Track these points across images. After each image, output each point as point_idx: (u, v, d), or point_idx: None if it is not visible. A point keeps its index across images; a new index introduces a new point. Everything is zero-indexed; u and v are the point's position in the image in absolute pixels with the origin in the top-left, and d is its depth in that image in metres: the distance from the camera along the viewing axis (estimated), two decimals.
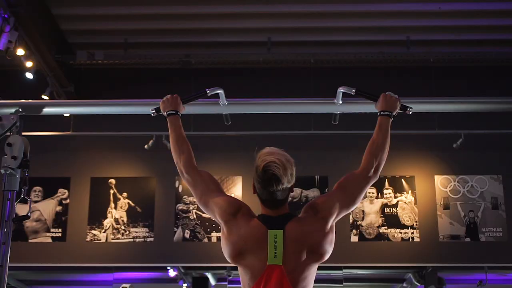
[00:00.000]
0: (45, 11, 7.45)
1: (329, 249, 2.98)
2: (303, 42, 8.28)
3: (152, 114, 3.76)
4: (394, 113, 3.44)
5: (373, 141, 3.28)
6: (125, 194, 8.34)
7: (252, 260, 2.95)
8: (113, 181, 8.37)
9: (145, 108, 3.91)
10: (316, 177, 8.30)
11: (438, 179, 8.32)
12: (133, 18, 7.84)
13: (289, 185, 2.95)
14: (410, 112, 3.65)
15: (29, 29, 6.97)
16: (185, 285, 9.84)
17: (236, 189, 8.28)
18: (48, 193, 8.02)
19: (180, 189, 8.26)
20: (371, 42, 8.24)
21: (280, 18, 7.89)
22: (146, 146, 7.81)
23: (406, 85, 8.37)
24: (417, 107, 3.82)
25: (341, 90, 3.87)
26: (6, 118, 4.11)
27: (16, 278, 8.97)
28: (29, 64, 7.19)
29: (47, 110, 4.22)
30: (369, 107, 3.69)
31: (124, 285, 8.51)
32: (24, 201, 4.18)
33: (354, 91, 3.77)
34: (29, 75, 7.34)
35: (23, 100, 4.19)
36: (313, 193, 8.21)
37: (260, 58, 8.11)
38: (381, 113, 3.43)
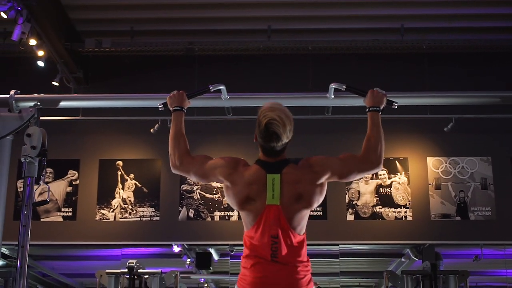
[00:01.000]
0: (55, 1, 7.64)
1: (318, 199, 3.30)
2: (301, 30, 8.41)
3: (159, 109, 4.07)
4: (381, 108, 3.75)
5: (369, 136, 3.55)
6: (132, 175, 8.45)
7: (255, 203, 3.25)
8: (120, 163, 8.48)
9: (154, 102, 4.23)
10: None
11: (430, 161, 8.41)
12: (139, 7, 8.01)
13: (287, 140, 3.26)
14: (396, 107, 3.97)
15: (41, 20, 7.17)
16: (188, 260, 10.05)
17: None
18: (58, 175, 8.20)
19: None
20: (367, 29, 8.37)
21: (280, 7, 8.05)
22: (152, 130, 7.96)
23: (400, 71, 8.54)
24: (401, 101, 4.16)
25: (332, 86, 4.18)
26: (25, 110, 4.45)
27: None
28: (40, 53, 7.41)
29: (63, 104, 4.56)
30: (358, 101, 3.99)
31: (130, 261, 8.76)
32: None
33: (344, 87, 4.08)
34: (41, 63, 7.56)
35: (41, 95, 4.52)
36: None
37: (260, 45, 8.23)
38: (370, 109, 3.73)
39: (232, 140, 8.24)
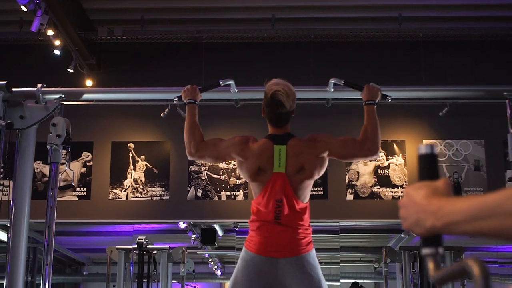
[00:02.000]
0: None
1: (319, 171, 3.62)
2: (304, 18, 8.58)
3: (174, 101, 4.47)
4: (376, 101, 4.11)
5: (366, 128, 3.85)
6: (143, 157, 8.54)
7: (265, 173, 3.56)
8: (132, 145, 8.56)
9: (169, 95, 4.60)
10: None
11: (426, 143, 8.51)
12: None
13: (290, 109, 3.63)
14: (389, 100, 4.35)
15: (57, 11, 7.39)
16: (194, 236, 10.34)
17: None
18: (73, 156, 8.27)
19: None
20: (365, 18, 8.55)
21: None
22: (162, 114, 7.84)
23: (397, 59, 8.70)
24: (394, 94, 4.56)
25: (332, 81, 4.57)
26: (50, 102, 4.83)
27: (35, 230, 9.33)
28: (57, 42, 7.64)
29: (86, 96, 4.95)
30: (355, 94, 4.37)
31: (139, 237, 9.04)
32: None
33: (342, 82, 4.47)
34: (57, 52, 7.78)
35: (66, 88, 4.90)
36: None
37: (264, 33, 8.40)
38: (367, 102, 4.08)
39: (237, 123, 8.35)
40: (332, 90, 4.63)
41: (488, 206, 1.21)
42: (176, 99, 4.48)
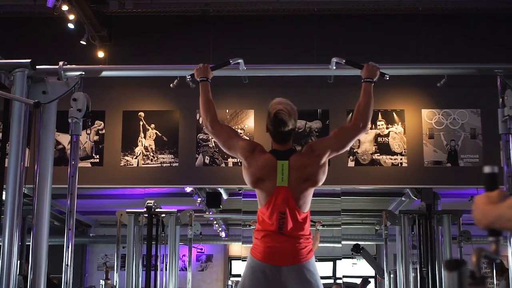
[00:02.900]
0: None
1: (322, 178, 3.86)
2: None
3: (187, 79, 4.78)
4: (375, 79, 4.42)
5: (360, 103, 4.16)
6: (153, 125, 8.67)
7: (266, 183, 3.82)
8: (142, 114, 8.69)
9: (184, 72, 4.90)
10: (318, 110, 8.58)
11: (425, 112, 8.59)
12: None
13: (293, 127, 3.88)
14: (387, 78, 4.67)
15: None
16: (199, 199, 10.67)
17: (249, 121, 8.61)
18: (86, 125, 8.63)
19: (200, 121, 8.39)
20: None
21: None
22: (171, 85, 8.21)
23: (397, 31, 8.87)
24: (391, 71, 4.87)
25: (334, 60, 4.88)
26: (71, 78, 5.16)
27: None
28: (71, 17, 7.86)
29: (105, 73, 5.28)
30: (355, 72, 4.66)
31: (149, 201, 9.30)
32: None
33: (344, 61, 4.78)
34: (71, 25, 8.01)
35: (85, 66, 5.21)
36: (315, 124, 8.52)
37: (270, 6, 8.62)
38: (365, 80, 4.39)
39: (243, 94, 8.53)
40: (335, 68, 4.93)
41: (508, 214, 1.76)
42: (190, 77, 4.76)
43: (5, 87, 5.09)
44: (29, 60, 4.97)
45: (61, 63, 5.08)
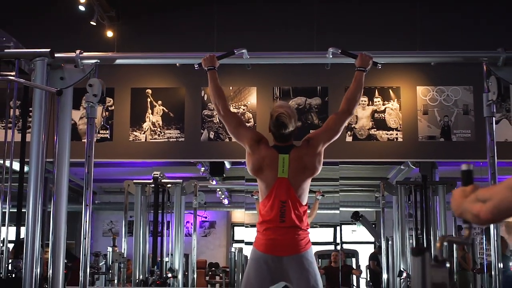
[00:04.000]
0: None
1: (318, 167, 4.33)
2: None
3: (195, 68, 5.14)
4: (367, 68, 4.80)
5: (349, 90, 4.60)
6: (160, 102, 8.87)
7: (267, 174, 4.26)
8: (149, 91, 8.90)
9: (193, 60, 5.23)
10: (318, 87, 8.76)
11: (420, 89, 8.76)
12: None
13: (293, 129, 4.32)
14: (379, 67, 5.05)
15: None
16: (203, 168, 10.98)
17: (252, 98, 8.82)
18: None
19: (205, 98, 8.77)
20: None
21: None
22: (177, 64, 8.53)
23: (395, 12, 9.07)
24: (383, 60, 5.24)
25: (330, 50, 5.26)
26: (86, 65, 5.53)
27: None
28: (82, 0, 8.22)
29: (119, 61, 5.65)
30: (349, 60, 5.04)
31: (155, 172, 9.43)
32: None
33: (340, 51, 5.17)
34: (82, 8, 8.33)
35: (100, 53, 5.57)
36: (315, 101, 8.71)
37: None
38: (358, 68, 4.79)
39: (246, 72, 8.36)
40: (331, 57, 5.31)
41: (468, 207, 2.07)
42: (197, 65, 5.12)
43: (25, 73, 5.47)
44: (48, 50, 5.32)
45: (77, 51, 5.44)
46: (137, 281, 9.00)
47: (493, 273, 5.11)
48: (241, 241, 14.19)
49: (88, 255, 5.44)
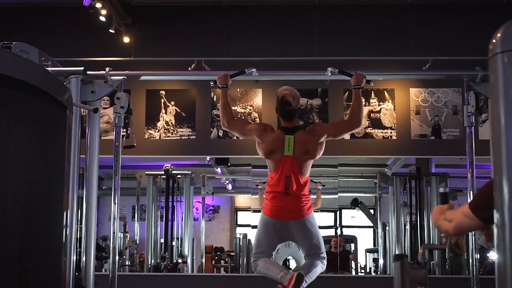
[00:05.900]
0: None
1: (319, 152, 4.86)
2: None
3: (211, 85, 5.74)
4: (362, 86, 5.43)
5: (353, 106, 5.08)
6: (173, 102, 9.16)
7: (276, 154, 4.80)
8: (163, 92, 9.19)
9: (209, 77, 5.77)
10: (318, 89, 9.10)
11: (412, 91, 9.03)
12: None
13: (296, 108, 4.86)
14: (372, 84, 5.68)
15: None
16: (208, 157, 11.49)
17: (258, 99, 9.15)
18: (113, 102, 9.25)
19: (214, 99, 9.05)
20: None
21: None
22: (189, 68, 8.76)
23: (387, 20, 9.45)
24: (374, 77, 5.81)
25: (329, 69, 5.88)
26: (114, 80, 6.15)
27: None
28: (103, 11, 8.68)
29: (143, 78, 6.27)
30: (345, 78, 5.56)
31: (166, 165, 9.91)
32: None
33: (337, 70, 5.78)
34: (103, 18, 8.82)
35: (127, 71, 6.16)
36: (316, 101, 9.03)
37: None
38: (354, 87, 5.40)
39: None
40: (330, 74, 5.92)
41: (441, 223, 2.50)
42: (213, 83, 5.70)
43: None
44: (82, 68, 5.90)
45: (107, 69, 6.03)
46: (149, 266, 9.48)
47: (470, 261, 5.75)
48: (244, 226, 14.68)
49: (117, 237, 5.98)
